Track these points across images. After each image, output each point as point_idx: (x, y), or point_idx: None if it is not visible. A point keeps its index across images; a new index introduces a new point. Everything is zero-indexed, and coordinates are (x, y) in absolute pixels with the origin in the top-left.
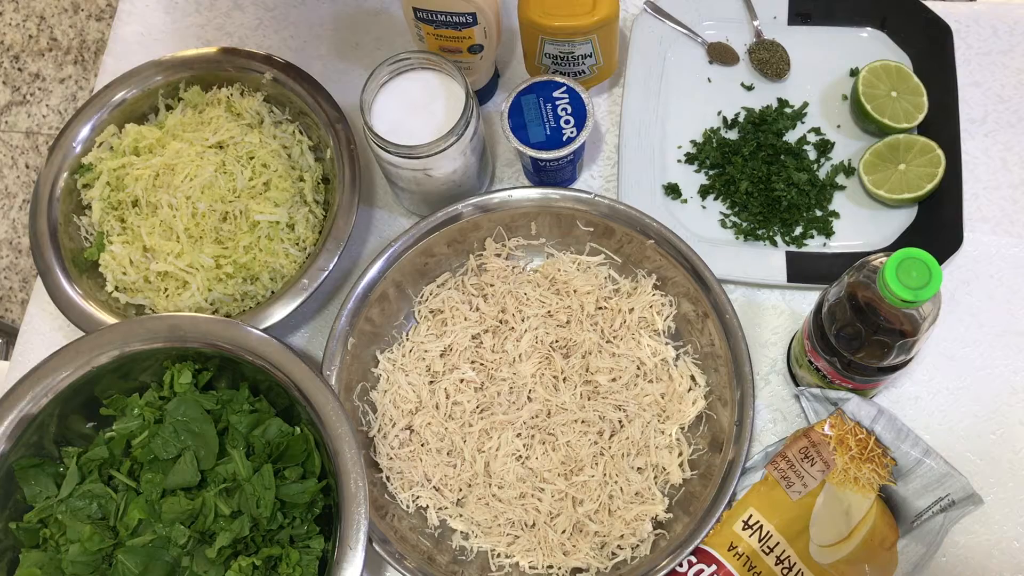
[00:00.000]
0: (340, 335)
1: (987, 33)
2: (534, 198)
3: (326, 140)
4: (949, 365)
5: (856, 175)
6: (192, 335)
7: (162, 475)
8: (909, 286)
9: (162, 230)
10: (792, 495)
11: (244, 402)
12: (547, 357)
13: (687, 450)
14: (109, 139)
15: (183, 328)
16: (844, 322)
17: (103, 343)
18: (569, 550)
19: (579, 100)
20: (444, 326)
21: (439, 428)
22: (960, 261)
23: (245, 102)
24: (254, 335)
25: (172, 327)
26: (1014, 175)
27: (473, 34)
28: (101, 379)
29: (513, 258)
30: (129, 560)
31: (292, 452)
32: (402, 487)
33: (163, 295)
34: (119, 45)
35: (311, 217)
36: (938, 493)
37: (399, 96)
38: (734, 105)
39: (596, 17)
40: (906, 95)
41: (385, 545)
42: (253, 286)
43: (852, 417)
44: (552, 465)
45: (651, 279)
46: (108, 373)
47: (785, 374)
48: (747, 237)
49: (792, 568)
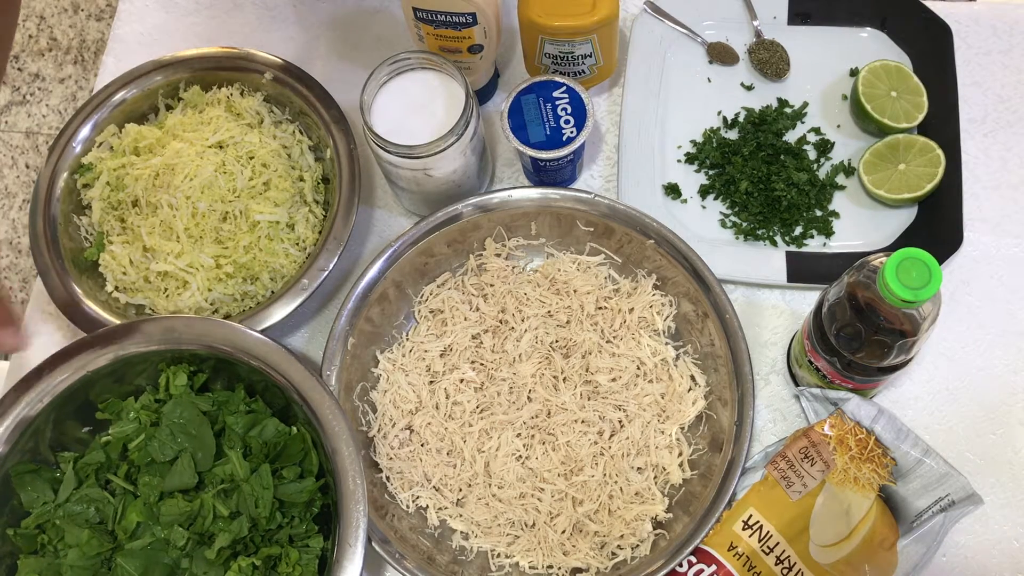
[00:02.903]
0: (340, 335)
1: (987, 33)
2: (534, 198)
3: (326, 140)
4: (949, 365)
5: (856, 175)
6: (187, 337)
7: (160, 478)
8: (909, 286)
9: (162, 230)
10: (792, 495)
11: (240, 403)
12: (547, 357)
13: (687, 450)
14: (109, 139)
15: (178, 330)
16: (844, 322)
17: (97, 347)
18: (569, 550)
19: (579, 100)
20: (444, 326)
21: (439, 428)
22: (960, 261)
23: (245, 102)
24: (250, 335)
25: (167, 329)
26: (1014, 175)
27: (473, 34)
28: (96, 383)
29: (513, 258)
30: (128, 563)
31: (289, 452)
32: (402, 487)
33: (163, 295)
34: (119, 45)
35: (311, 217)
36: (938, 493)
37: (399, 96)
38: (734, 105)
39: (596, 17)
40: (906, 95)
41: (385, 545)
42: (253, 286)
43: (852, 417)
44: (552, 465)
45: (651, 279)
46: (103, 377)
47: (785, 374)
48: (747, 237)
49: (792, 568)
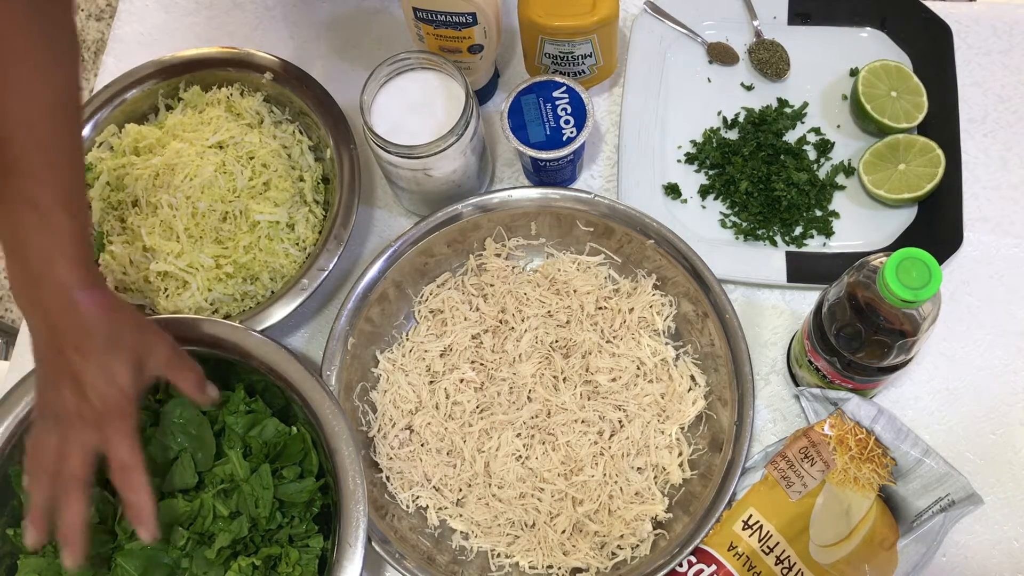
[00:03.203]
0: (340, 335)
1: (987, 33)
2: (534, 198)
3: (326, 140)
4: (949, 365)
5: (856, 175)
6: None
7: (159, 478)
8: (909, 286)
9: (162, 230)
10: (792, 495)
11: (240, 403)
12: (547, 357)
13: (687, 450)
14: (109, 139)
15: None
16: (844, 322)
17: None
18: (569, 550)
19: (579, 100)
20: (444, 326)
21: (439, 428)
22: (960, 261)
23: (245, 102)
24: (250, 336)
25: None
26: (1014, 175)
27: (473, 34)
28: None
29: (513, 258)
30: (128, 563)
31: (289, 451)
32: (402, 487)
33: (163, 295)
34: (119, 45)
35: (311, 217)
36: (938, 493)
37: (399, 96)
38: (734, 105)
39: (596, 17)
40: (906, 95)
41: (385, 545)
42: (253, 286)
43: (852, 417)
44: (552, 465)
45: (651, 279)
46: None
47: (785, 374)
48: (747, 237)
49: (792, 568)
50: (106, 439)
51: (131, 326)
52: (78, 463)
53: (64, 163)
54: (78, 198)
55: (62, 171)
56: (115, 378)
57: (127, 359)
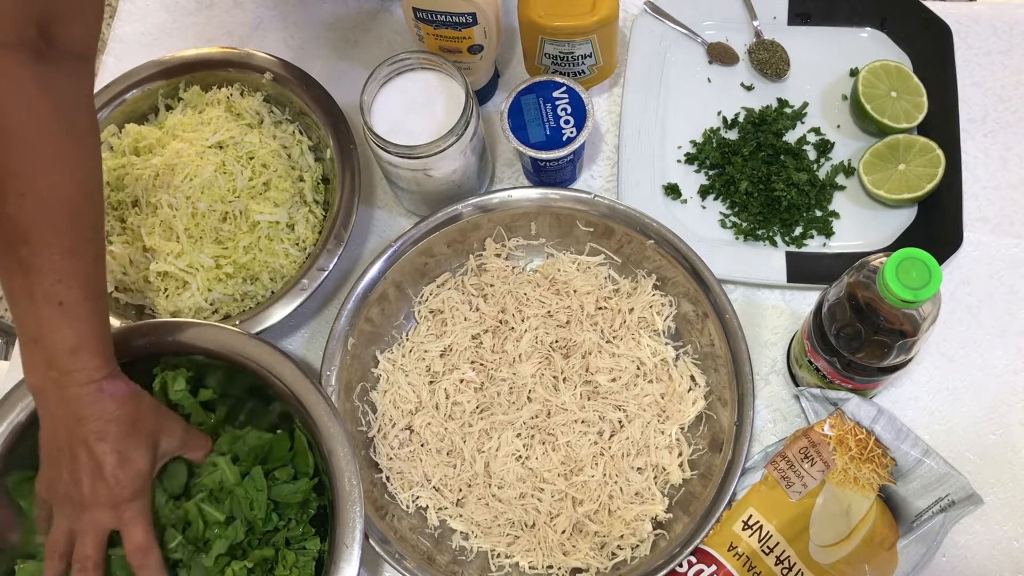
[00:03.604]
0: (340, 335)
1: (987, 33)
2: (534, 198)
3: (326, 140)
4: (949, 365)
5: (856, 175)
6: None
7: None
8: (909, 286)
9: (162, 230)
10: (792, 495)
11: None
12: (547, 357)
13: (687, 450)
14: (109, 139)
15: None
16: (844, 322)
17: None
18: (569, 550)
19: (579, 100)
20: (444, 326)
21: (439, 428)
22: (960, 261)
23: (245, 102)
24: (245, 339)
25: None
26: (1014, 175)
27: (473, 34)
28: None
29: (513, 258)
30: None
31: (277, 453)
32: (402, 487)
33: (163, 295)
34: (119, 45)
35: (311, 217)
36: (938, 493)
37: (399, 96)
38: (734, 105)
39: (596, 17)
40: (906, 95)
41: (384, 545)
42: (253, 286)
43: (852, 417)
44: (552, 465)
45: (651, 279)
46: None
47: (785, 374)
48: (747, 237)
49: (792, 568)
50: (123, 521)
51: (149, 411)
52: (92, 545)
53: (87, 254)
54: (98, 287)
55: (85, 264)
56: (133, 463)
57: (144, 442)
